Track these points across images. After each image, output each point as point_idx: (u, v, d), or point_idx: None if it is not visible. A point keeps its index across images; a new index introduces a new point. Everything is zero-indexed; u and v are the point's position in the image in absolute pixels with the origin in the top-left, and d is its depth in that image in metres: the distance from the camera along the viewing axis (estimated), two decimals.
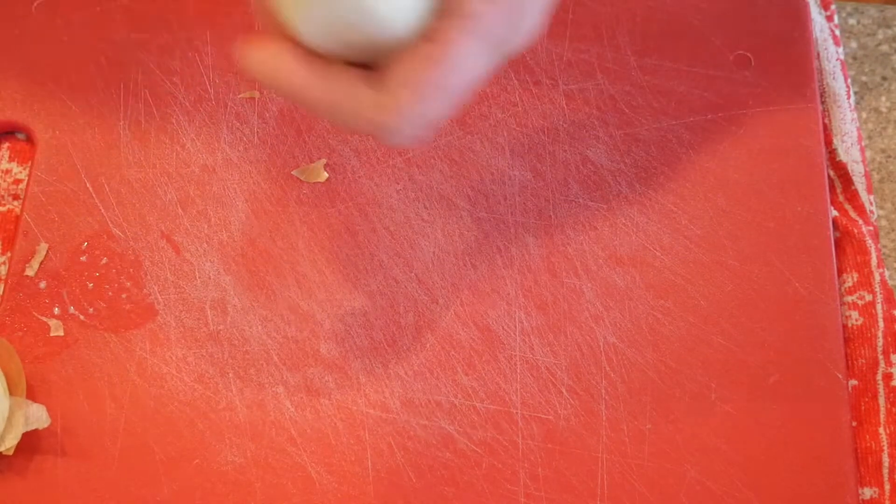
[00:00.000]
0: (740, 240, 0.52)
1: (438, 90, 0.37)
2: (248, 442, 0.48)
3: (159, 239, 0.52)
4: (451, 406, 0.49)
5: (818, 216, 0.53)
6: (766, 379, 0.49)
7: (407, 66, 0.37)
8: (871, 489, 0.48)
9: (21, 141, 0.55)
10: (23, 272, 0.51)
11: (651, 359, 0.50)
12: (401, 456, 0.48)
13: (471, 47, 0.37)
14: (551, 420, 0.48)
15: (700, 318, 0.51)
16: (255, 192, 0.53)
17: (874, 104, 0.58)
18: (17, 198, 0.53)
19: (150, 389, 0.48)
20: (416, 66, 0.37)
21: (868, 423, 0.50)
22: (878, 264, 0.53)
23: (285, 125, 0.54)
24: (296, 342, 0.50)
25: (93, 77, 0.55)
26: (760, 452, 0.48)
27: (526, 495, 0.47)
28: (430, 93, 0.37)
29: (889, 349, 0.51)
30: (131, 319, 0.50)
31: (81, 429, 0.48)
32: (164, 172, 0.53)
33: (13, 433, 0.46)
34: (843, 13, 0.60)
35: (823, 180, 0.53)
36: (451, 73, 0.37)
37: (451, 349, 0.50)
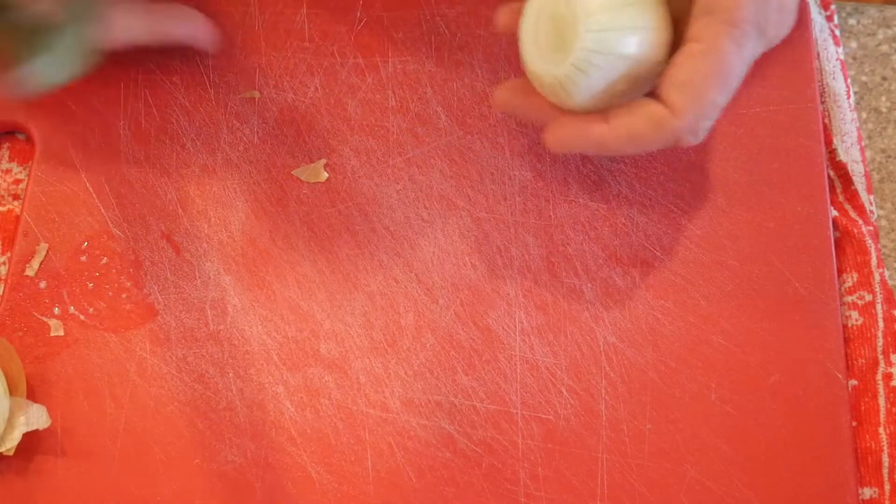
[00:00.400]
0: (740, 240, 0.52)
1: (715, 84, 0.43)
2: (248, 442, 0.48)
3: (159, 239, 0.52)
4: (451, 406, 0.49)
5: (818, 216, 0.53)
6: (766, 379, 0.49)
7: (683, 70, 0.43)
8: (871, 489, 0.48)
9: (21, 141, 0.55)
10: (23, 272, 0.51)
11: (651, 359, 0.50)
12: (401, 456, 0.48)
13: (732, 34, 0.42)
14: (551, 420, 0.48)
15: (700, 318, 0.51)
16: (255, 192, 0.53)
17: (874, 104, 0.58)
18: (17, 198, 0.53)
19: (150, 389, 0.48)
20: (691, 68, 0.43)
21: (868, 423, 0.50)
22: (878, 264, 0.53)
23: (285, 125, 0.54)
24: (296, 342, 0.50)
25: (93, 77, 0.55)
26: (760, 452, 0.48)
27: (526, 495, 0.47)
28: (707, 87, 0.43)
29: (889, 349, 0.51)
30: (131, 319, 0.50)
31: (81, 429, 0.48)
32: (164, 172, 0.53)
33: (13, 433, 0.46)
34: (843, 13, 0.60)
35: (823, 180, 0.53)
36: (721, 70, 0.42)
37: (451, 349, 0.50)
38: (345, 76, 0.55)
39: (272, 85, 0.55)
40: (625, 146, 0.45)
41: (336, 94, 0.55)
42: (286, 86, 0.55)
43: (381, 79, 0.55)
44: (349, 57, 0.56)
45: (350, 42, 0.56)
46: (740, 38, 0.42)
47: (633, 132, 0.45)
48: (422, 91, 0.55)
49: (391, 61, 0.56)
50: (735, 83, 0.43)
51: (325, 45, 0.56)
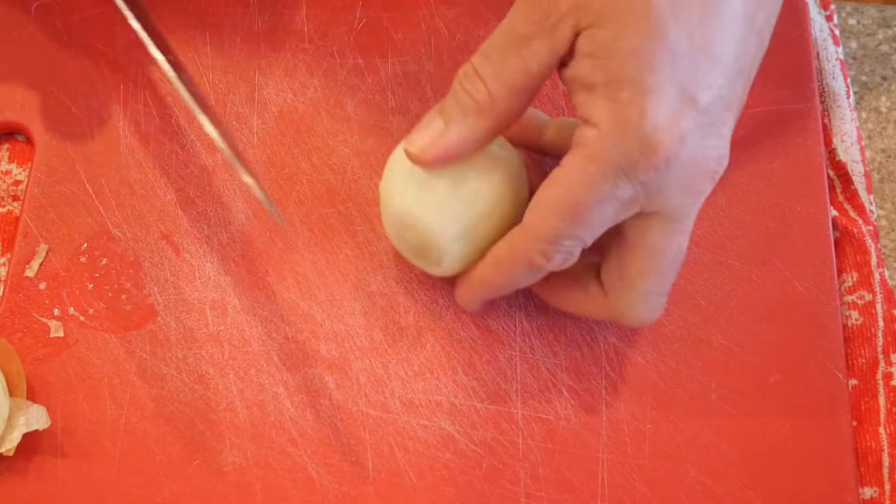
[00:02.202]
0: (740, 240, 0.52)
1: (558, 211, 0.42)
2: (248, 443, 0.48)
3: (159, 240, 0.52)
4: (452, 406, 0.49)
5: (818, 216, 0.53)
6: (766, 379, 0.49)
7: (539, 192, 0.42)
8: (872, 489, 0.48)
9: (20, 142, 0.55)
10: (23, 273, 0.51)
11: (651, 359, 0.50)
12: (401, 456, 0.48)
13: (586, 167, 0.41)
14: (552, 420, 0.48)
15: (700, 318, 0.50)
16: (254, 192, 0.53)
17: (874, 104, 0.58)
18: (16, 199, 0.53)
19: (150, 390, 0.48)
20: (542, 191, 0.42)
21: (868, 423, 0.50)
22: (878, 264, 0.53)
23: (284, 125, 0.54)
24: (296, 343, 0.50)
25: (92, 78, 0.55)
26: (761, 452, 0.48)
27: (526, 495, 0.47)
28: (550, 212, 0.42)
29: (889, 349, 0.51)
30: (131, 320, 0.50)
31: (81, 430, 0.48)
32: (164, 173, 0.53)
33: (13, 434, 0.46)
34: (843, 13, 0.60)
35: (823, 180, 0.53)
36: (567, 199, 0.41)
37: (451, 349, 0.50)
38: (344, 76, 0.55)
39: (272, 85, 0.55)
40: (495, 275, 0.45)
41: (336, 94, 0.55)
42: (286, 86, 0.55)
43: (381, 79, 0.55)
44: (349, 57, 0.56)
45: (349, 42, 0.56)
46: (595, 175, 0.40)
47: (496, 257, 0.45)
48: (422, 91, 0.55)
49: (391, 62, 0.56)
50: (587, 216, 0.41)
51: (324, 46, 0.56)
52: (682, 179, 0.41)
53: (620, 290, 0.45)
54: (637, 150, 0.40)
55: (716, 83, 0.41)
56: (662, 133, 0.40)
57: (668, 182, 0.41)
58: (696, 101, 0.40)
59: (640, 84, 0.39)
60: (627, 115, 0.40)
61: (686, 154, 0.41)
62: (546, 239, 0.42)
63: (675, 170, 0.41)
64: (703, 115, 0.41)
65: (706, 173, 0.42)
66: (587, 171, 0.41)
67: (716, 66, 0.40)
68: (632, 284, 0.44)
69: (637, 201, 0.42)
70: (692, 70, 0.40)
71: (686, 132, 0.40)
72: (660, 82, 0.39)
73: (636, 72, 0.39)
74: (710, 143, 0.41)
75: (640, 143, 0.40)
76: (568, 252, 0.43)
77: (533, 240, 0.43)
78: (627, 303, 0.45)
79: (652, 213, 0.43)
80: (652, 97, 0.39)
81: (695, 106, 0.40)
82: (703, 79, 0.40)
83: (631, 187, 0.41)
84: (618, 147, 0.40)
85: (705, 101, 0.40)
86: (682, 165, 0.41)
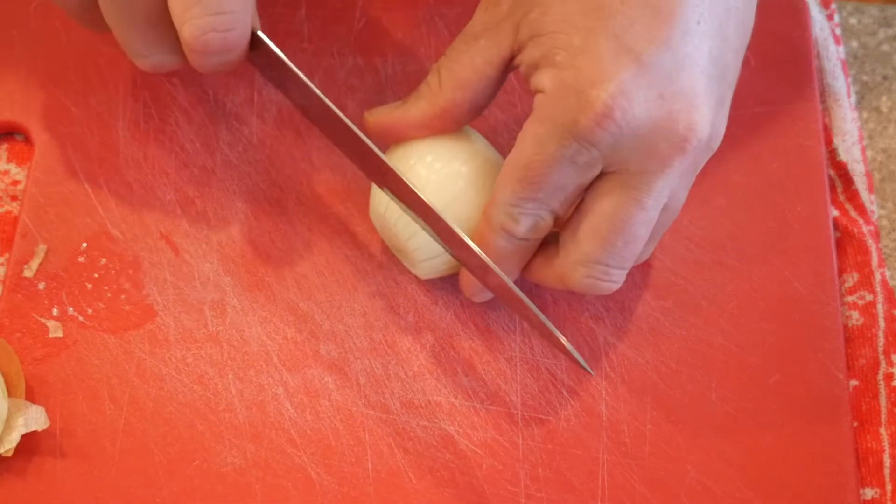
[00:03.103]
0: (740, 240, 0.52)
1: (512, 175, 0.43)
2: (247, 443, 0.47)
3: (158, 240, 0.52)
4: (452, 407, 0.49)
5: (818, 216, 0.52)
6: (766, 379, 0.49)
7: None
8: (873, 489, 0.48)
9: (19, 142, 0.55)
10: (21, 273, 0.51)
11: (651, 359, 0.50)
12: (401, 457, 0.47)
13: (535, 130, 0.42)
14: (552, 421, 0.48)
15: (700, 318, 0.50)
16: (254, 192, 0.53)
17: (875, 103, 0.58)
18: (15, 199, 0.53)
19: (149, 391, 0.48)
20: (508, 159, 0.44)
21: (869, 424, 0.50)
22: (879, 264, 0.53)
23: (284, 126, 0.54)
24: (295, 343, 0.50)
25: (91, 78, 0.55)
26: (761, 452, 0.48)
27: (526, 496, 0.47)
28: (507, 177, 0.43)
29: (890, 349, 0.51)
30: (130, 320, 0.50)
31: (80, 430, 0.48)
32: (163, 173, 0.53)
33: (12, 435, 0.46)
34: (844, 12, 0.60)
35: (823, 180, 0.53)
36: (519, 163, 0.43)
37: (451, 350, 0.50)
38: (344, 77, 0.55)
39: (272, 85, 0.55)
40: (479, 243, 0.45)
41: (335, 94, 0.55)
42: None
43: (381, 80, 0.55)
44: (348, 58, 0.56)
45: (349, 43, 0.56)
46: (542, 136, 0.42)
47: (478, 231, 0.45)
48: None
49: (390, 62, 0.56)
50: (541, 178, 0.42)
51: (324, 46, 0.56)
52: (640, 141, 0.41)
53: (568, 251, 0.44)
54: (577, 107, 0.41)
55: (661, 37, 0.41)
56: (600, 88, 0.40)
57: (623, 142, 0.41)
58: (638, 55, 0.40)
59: (571, 46, 0.41)
60: (563, 76, 0.41)
61: (641, 113, 0.41)
62: (509, 202, 0.43)
63: (631, 130, 0.41)
64: (651, 71, 0.41)
65: (672, 140, 0.41)
66: (536, 133, 0.42)
67: (660, 19, 0.41)
68: (576, 247, 0.44)
69: (596, 164, 0.42)
70: (627, 25, 0.41)
71: (628, 87, 0.40)
72: (592, 41, 0.41)
73: (566, 36, 0.41)
74: (674, 106, 0.41)
75: (578, 100, 0.41)
76: (535, 215, 0.43)
77: (499, 205, 0.44)
78: (570, 264, 0.44)
79: (610, 175, 0.43)
80: (585, 55, 0.41)
81: (636, 59, 0.40)
82: (644, 32, 0.41)
83: (580, 147, 0.41)
84: (559, 107, 0.41)
85: (649, 54, 0.41)
86: (639, 126, 0.41)
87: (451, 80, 0.45)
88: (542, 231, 0.44)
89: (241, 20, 0.43)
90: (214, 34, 0.43)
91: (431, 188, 0.45)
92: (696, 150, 0.42)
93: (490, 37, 0.44)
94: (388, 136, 0.48)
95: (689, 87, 0.41)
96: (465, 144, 0.47)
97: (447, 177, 0.46)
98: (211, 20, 0.42)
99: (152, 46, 0.46)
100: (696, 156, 0.42)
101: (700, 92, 0.42)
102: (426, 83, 0.46)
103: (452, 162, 0.46)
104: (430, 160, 0.46)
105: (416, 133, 0.47)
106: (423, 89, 0.46)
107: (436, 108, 0.46)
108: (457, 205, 0.45)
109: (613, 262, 0.44)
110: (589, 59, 0.41)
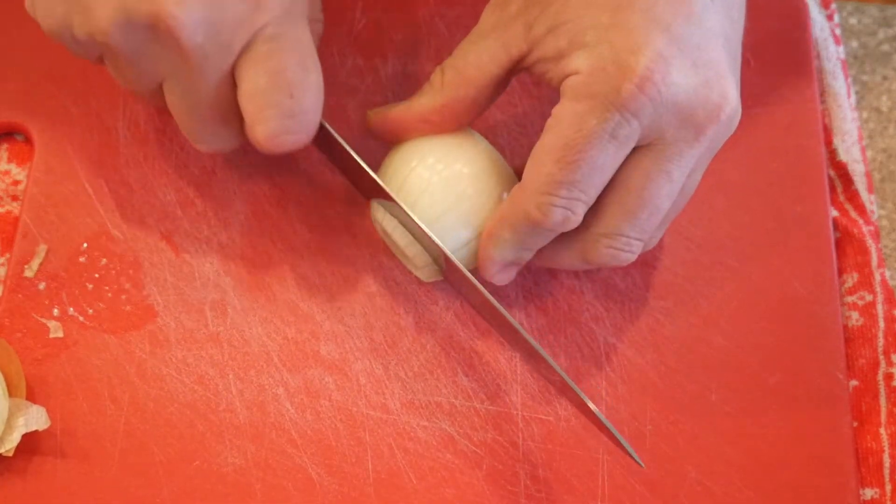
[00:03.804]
0: (740, 240, 0.52)
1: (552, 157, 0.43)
2: (248, 443, 0.48)
3: (159, 240, 0.52)
4: (452, 407, 0.49)
5: (818, 216, 0.52)
6: (766, 379, 0.49)
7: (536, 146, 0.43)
8: (872, 490, 0.48)
9: (20, 142, 0.55)
10: (22, 273, 0.51)
11: (651, 359, 0.50)
12: (401, 457, 0.48)
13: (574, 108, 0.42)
14: (552, 421, 0.48)
15: (700, 318, 0.50)
16: (254, 193, 0.53)
17: (875, 104, 0.58)
18: (16, 199, 0.53)
19: (149, 391, 0.48)
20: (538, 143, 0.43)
21: (869, 424, 0.50)
22: (879, 264, 0.53)
23: None
24: (296, 343, 0.50)
25: (92, 79, 0.55)
26: (761, 453, 0.48)
27: (526, 496, 0.47)
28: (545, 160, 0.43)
29: (890, 349, 0.51)
30: (131, 321, 0.50)
31: (81, 430, 0.48)
32: (164, 173, 0.53)
33: (13, 435, 0.46)
34: (844, 12, 0.60)
35: (823, 180, 0.53)
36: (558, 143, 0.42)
37: (451, 350, 0.50)
38: (344, 77, 0.55)
39: None
40: (501, 233, 0.45)
41: (336, 95, 0.55)
42: None
43: (381, 80, 0.55)
44: (349, 58, 0.56)
45: (349, 43, 0.56)
46: (583, 113, 0.41)
47: (501, 216, 0.45)
48: None
49: (391, 63, 0.56)
50: (581, 158, 0.42)
51: (324, 47, 0.56)
52: (678, 108, 0.41)
53: (590, 225, 0.44)
54: (618, 76, 0.41)
55: (684, 11, 0.41)
56: (639, 54, 0.41)
57: (661, 110, 0.41)
58: (668, 26, 0.41)
59: (600, 24, 0.41)
60: (598, 51, 0.41)
61: (679, 79, 0.41)
62: (541, 189, 0.42)
63: (671, 95, 0.41)
64: (682, 41, 0.41)
65: (707, 107, 0.42)
66: (574, 111, 0.42)
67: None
68: (601, 218, 0.44)
69: (632, 138, 0.42)
70: (653, 2, 0.41)
71: (665, 53, 0.41)
72: (620, 16, 0.41)
73: (592, 17, 0.42)
74: (707, 74, 0.42)
75: (618, 69, 0.41)
76: (566, 207, 0.43)
77: (529, 192, 0.43)
78: (593, 237, 0.44)
79: (644, 148, 0.43)
80: (616, 29, 0.41)
81: (666, 30, 0.41)
82: (669, 7, 0.41)
83: (621, 119, 0.41)
84: (598, 81, 0.41)
85: (677, 26, 0.41)
86: (677, 91, 0.41)
87: (455, 77, 0.45)
88: (569, 227, 0.44)
89: (312, 121, 0.44)
90: (288, 136, 0.43)
91: (433, 190, 0.45)
92: (726, 121, 0.43)
93: (497, 36, 0.44)
94: (390, 133, 0.48)
95: (716, 59, 0.42)
96: (467, 146, 0.47)
97: (449, 178, 0.46)
98: (285, 124, 0.43)
99: (215, 137, 0.46)
100: (722, 129, 0.43)
101: (724, 64, 0.43)
102: (429, 81, 0.47)
103: (454, 164, 0.46)
104: (431, 162, 0.46)
105: (417, 129, 0.47)
106: (426, 87, 0.47)
107: (437, 103, 0.46)
108: (460, 207, 0.45)
109: (635, 233, 0.44)
110: (621, 32, 0.41)
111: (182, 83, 0.43)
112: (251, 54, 0.42)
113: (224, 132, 0.46)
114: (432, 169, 0.46)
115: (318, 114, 0.44)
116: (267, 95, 0.43)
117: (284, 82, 0.43)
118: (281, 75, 0.42)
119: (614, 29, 0.41)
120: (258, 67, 0.42)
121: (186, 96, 0.44)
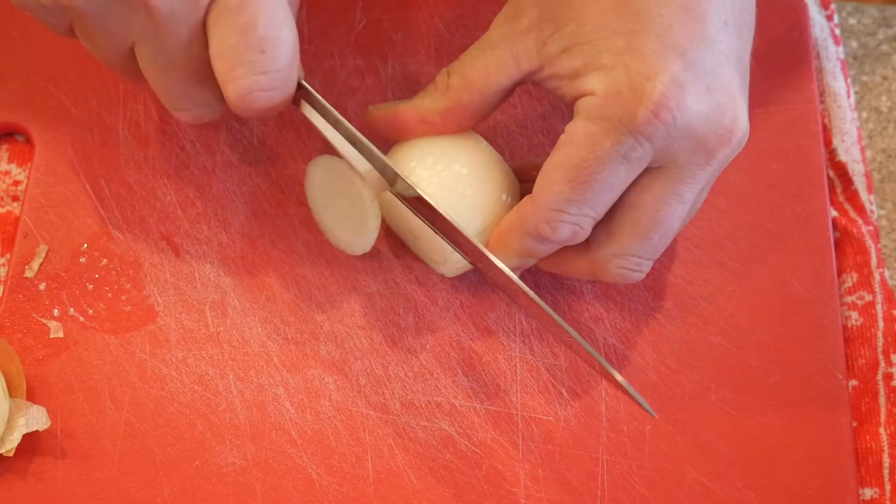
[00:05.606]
0: (740, 240, 0.52)
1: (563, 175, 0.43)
2: (248, 443, 0.48)
3: (159, 240, 0.52)
4: (452, 407, 0.49)
5: (818, 216, 0.53)
6: (766, 379, 0.49)
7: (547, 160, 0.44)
8: (872, 489, 0.48)
9: (20, 142, 0.55)
10: (22, 274, 0.51)
11: (651, 359, 0.50)
12: (401, 457, 0.48)
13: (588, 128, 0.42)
14: (551, 421, 0.48)
15: (700, 319, 0.50)
16: (254, 193, 0.53)
17: (874, 104, 0.58)
18: (16, 199, 0.53)
19: (149, 391, 0.48)
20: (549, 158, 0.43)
21: (868, 424, 0.50)
22: (878, 264, 0.53)
23: (284, 127, 0.54)
24: (295, 344, 0.50)
25: (92, 79, 0.55)
26: (761, 453, 0.48)
27: (526, 496, 0.47)
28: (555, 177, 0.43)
29: (889, 349, 0.51)
30: (131, 321, 0.50)
31: (81, 430, 0.48)
32: (164, 174, 0.53)
33: (13, 435, 0.46)
34: (844, 13, 0.60)
35: (823, 180, 0.53)
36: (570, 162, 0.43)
37: (451, 350, 0.50)
38: (344, 78, 0.55)
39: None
40: (509, 241, 0.45)
41: (336, 95, 0.55)
42: None
43: (381, 80, 0.55)
44: (349, 58, 0.56)
45: (350, 44, 0.56)
46: (597, 134, 0.42)
47: (507, 226, 0.45)
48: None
49: (391, 63, 0.56)
50: (592, 178, 0.42)
51: (324, 47, 0.56)
52: (691, 133, 0.42)
53: (602, 244, 0.45)
54: (633, 101, 0.41)
55: (699, 36, 0.42)
56: (655, 80, 0.41)
57: (675, 135, 0.42)
58: (683, 51, 0.41)
59: (616, 48, 0.42)
60: (614, 74, 0.41)
61: (693, 104, 0.41)
62: (551, 206, 0.43)
63: (684, 121, 0.41)
64: (696, 66, 0.42)
65: (718, 131, 0.42)
66: (589, 131, 0.42)
67: (694, 19, 0.42)
68: (613, 239, 0.44)
69: (644, 160, 0.42)
70: (667, 26, 0.41)
71: (680, 79, 0.41)
72: (636, 40, 0.41)
73: (607, 41, 0.42)
74: (720, 99, 0.42)
75: (633, 94, 0.41)
76: (574, 224, 0.43)
77: (539, 207, 0.43)
78: (605, 257, 0.45)
79: (656, 170, 0.43)
80: (632, 54, 0.41)
81: (682, 55, 0.41)
82: (683, 32, 0.41)
83: (634, 142, 0.41)
84: (613, 104, 0.41)
85: (692, 51, 0.41)
86: (692, 117, 0.41)
87: (460, 82, 0.45)
88: (577, 241, 0.44)
89: (286, 78, 0.43)
90: (260, 93, 0.42)
91: (432, 190, 0.45)
92: (737, 144, 0.43)
93: (507, 48, 0.45)
94: (391, 131, 0.48)
95: (728, 82, 0.42)
96: (466, 147, 0.47)
97: (448, 179, 0.46)
98: (257, 80, 0.42)
99: (193, 101, 0.45)
100: (732, 151, 0.44)
101: (736, 87, 0.43)
102: (434, 82, 0.46)
103: (454, 164, 0.46)
104: (430, 162, 0.46)
105: (417, 129, 0.47)
106: (430, 88, 0.46)
107: (441, 106, 0.46)
108: (458, 207, 0.45)
109: (646, 253, 0.45)
110: (636, 57, 0.41)
111: (152, 44, 0.43)
112: (220, 10, 0.41)
113: (201, 95, 0.45)
114: (431, 169, 0.46)
115: (292, 71, 0.43)
116: (237, 52, 0.42)
117: (255, 38, 0.41)
118: (251, 30, 0.41)
119: (630, 53, 0.41)
120: (227, 23, 0.41)
121: (158, 58, 0.43)
